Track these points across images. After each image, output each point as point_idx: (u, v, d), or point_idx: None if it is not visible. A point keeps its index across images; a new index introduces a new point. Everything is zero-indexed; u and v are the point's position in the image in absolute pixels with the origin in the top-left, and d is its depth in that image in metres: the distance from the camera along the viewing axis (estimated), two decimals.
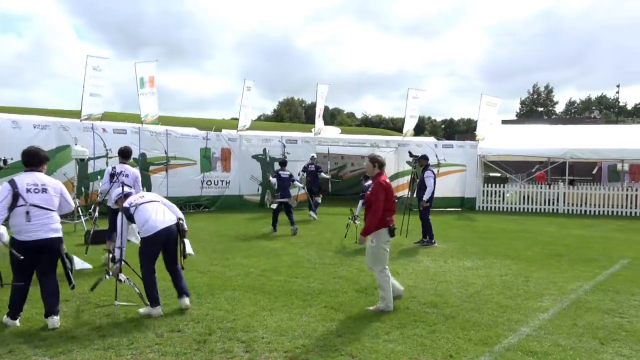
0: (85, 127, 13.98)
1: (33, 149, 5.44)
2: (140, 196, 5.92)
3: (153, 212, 5.67)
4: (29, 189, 5.09)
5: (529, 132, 22.28)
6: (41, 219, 5.05)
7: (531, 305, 6.13)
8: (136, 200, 5.75)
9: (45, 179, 5.28)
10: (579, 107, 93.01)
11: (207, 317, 5.43)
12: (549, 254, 9.54)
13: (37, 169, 5.33)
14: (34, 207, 5.01)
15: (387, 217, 5.80)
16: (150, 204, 5.75)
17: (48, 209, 5.12)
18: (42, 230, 5.04)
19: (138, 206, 5.66)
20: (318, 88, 18.30)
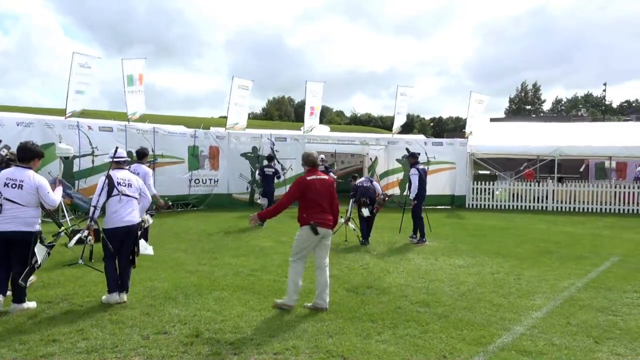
0: (70, 124, 13.73)
1: (25, 144, 5.71)
2: (127, 185, 6.02)
3: (121, 207, 5.91)
4: (7, 183, 5.39)
5: (517, 130, 22.31)
6: (13, 212, 5.35)
7: (524, 304, 6.06)
8: (121, 188, 5.93)
9: (24, 175, 5.48)
10: (566, 105, 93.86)
11: (194, 319, 5.29)
12: (540, 252, 9.51)
13: (27, 165, 5.58)
14: (7, 201, 5.34)
15: (314, 214, 5.74)
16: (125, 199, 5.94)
17: (19, 203, 5.38)
18: (13, 223, 5.35)
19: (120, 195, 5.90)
20: (308, 86, 18.15)
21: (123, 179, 6.05)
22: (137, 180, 6.18)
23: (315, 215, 5.74)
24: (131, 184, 6.08)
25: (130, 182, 6.08)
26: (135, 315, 5.38)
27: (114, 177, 5.97)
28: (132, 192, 6.05)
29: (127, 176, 6.13)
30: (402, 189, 18.18)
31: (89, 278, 6.88)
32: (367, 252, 9.21)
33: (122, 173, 6.14)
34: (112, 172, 6.02)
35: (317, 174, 5.93)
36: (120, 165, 6.25)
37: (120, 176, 6.05)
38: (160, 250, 9.02)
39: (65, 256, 8.25)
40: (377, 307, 5.84)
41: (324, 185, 5.86)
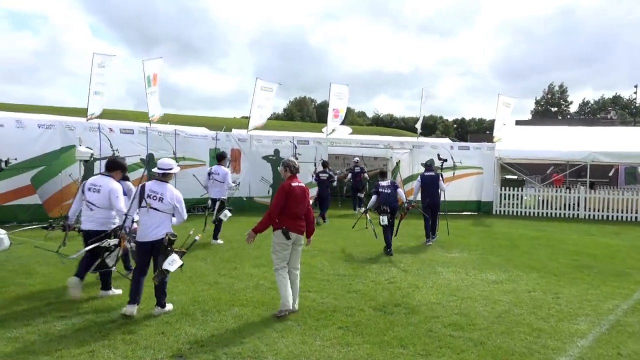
0: (91, 126, 13.58)
1: (112, 158, 6.87)
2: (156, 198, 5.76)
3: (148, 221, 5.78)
4: (90, 188, 6.27)
5: (545, 134, 21.57)
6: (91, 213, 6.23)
7: (567, 329, 5.60)
8: (153, 203, 5.75)
9: (102, 182, 6.27)
10: (593, 107, 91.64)
11: (212, 340, 4.97)
12: (577, 266, 8.98)
13: (109, 174, 6.40)
14: (89, 203, 6.21)
15: (287, 219, 5.89)
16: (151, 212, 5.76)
17: (97, 206, 6.19)
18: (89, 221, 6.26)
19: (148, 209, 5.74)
20: (332, 87, 17.77)
21: (155, 192, 5.78)
22: (171, 197, 5.79)
23: (289, 220, 5.89)
24: (163, 199, 5.75)
25: (163, 197, 5.76)
26: (150, 334, 5.07)
27: (146, 189, 5.80)
28: (162, 206, 5.75)
29: (160, 190, 5.80)
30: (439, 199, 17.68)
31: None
32: (393, 264, 8.79)
33: (156, 185, 5.84)
34: (147, 183, 5.89)
35: (296, 181, 6.04)
36: (165, 178, 5.93)
37: (154, 188, 5.80)
38: None
39: None
40: (407, 329, 5.44)
41: (301, 192, 6.00)
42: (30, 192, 12.31)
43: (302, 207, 5.99)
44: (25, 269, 7.67)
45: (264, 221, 5.91)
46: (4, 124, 12.08)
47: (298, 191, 5.95)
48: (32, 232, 10.90)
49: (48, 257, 8.55)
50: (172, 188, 5.90)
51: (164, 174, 5.92)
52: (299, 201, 5.94)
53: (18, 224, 11.87)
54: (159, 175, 5.91)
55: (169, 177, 5.98)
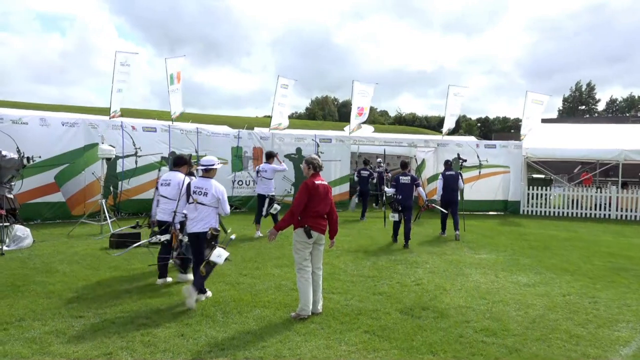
0: (114, 124, 13.60)
1: (178, 154, 7.52)
2: (202, 193, 6.15)
3: (194, 215, 6.19)
4: (162, 182, 6.99)
5: (573, 132, 20.92)
6: (164, 205, 6.86)
7: (607, 335, 5.26)
8: (199, 198, 6.15)
9: (171, 176, 6.95)
10: (621, 105, 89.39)
11: (232, 343, 4.78)
12: (612, 269, 8.57)
13: (178, 169, 7.08)
14: (162, 196, 6.90)
15: (309, 218, 5.71)
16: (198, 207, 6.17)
17: (169, 198, 6.80)
18: (163, 213, 6.90)
19: (195, 203, 6.17)
20: (355, 86, 17.51)
21: (200, 187, 6.18)
22: (216, 191, 6.18)
23: (310, 219, 5.72)
24: (207, 193, 6.14)
25: (207, 191, 6.14)
26: (169, 336, 4.91)
27: (192, 186, 6.25)
28: (207, 200, 6.14)
29: (205, 185, 6.18)
30: (460, 196, 17.30)
31: (123, 289, 6.52)
32: (418, 265, 8.51)
33: (201, 182, 6.25)
34: (192, 181, 6.39)
35: (320, 179, 5.89)
36: (208, 175, 6.30)
37: (199, 185, 6.21)
38: None
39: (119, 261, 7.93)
40: (436, 334, 5.17)
41: (324, 191, 5.84)
42: (54, 190, 12.38)
43: (324, 206, 5.82)
44: (46, 267, 7.61)
45: (286, 218, 5.75)
46: (29, 122, 12.14)
47: (321, 189, 5.79)
48: (54, 230, 10.95)
49: (70, 255, 8.53)
50: (216, 183, 6.28)
51: (206, 170, 6.30)
52: (321, 199, 5.78)
53: (42, 221, 11.92)
54: (207, 171, 6.30)
55: (212, 172, 6.34)
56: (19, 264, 7.82)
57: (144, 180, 13.95)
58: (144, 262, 8.09)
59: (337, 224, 6.05)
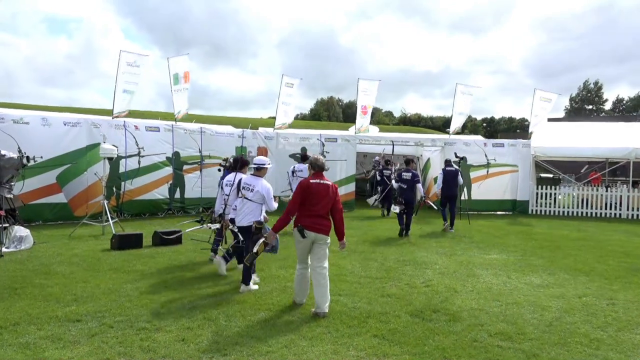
0: (117, 124, 13.42)
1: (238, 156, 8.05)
2: (249, 189, 6.62)
3: (242, 209, 6.69)
4: (227, 184, 7.35)
5: (581, 130, 20.55)
6: None
7: (628, 339, 5.01)
8: (244, 192, 6.66)
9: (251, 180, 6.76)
10: (627, 104, 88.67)
11: (235, 348, 4.55)
12: (628, 269, 8.30)
13: (241, 171, 7.34)
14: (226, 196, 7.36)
15: (304, 217, 5.75)
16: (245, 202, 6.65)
17: None
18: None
19: (243, 199, 6.66)
20: (360, 84, 17.29)
21: (248, 184, 6.68)
22: (262, 188, 6.56)
23: (305, 218, 5.73)
24: (253, 190, 6.58)
25: (254, 188, 6.58)
26: (169, 340, 4.70)
27: (242, 182, 6.79)
28: (252, 197, 6.59)
29: (252, 182, 6.65)
30: (459, 192, 17.05)
31: (124, 291, 6.31)
32: (427, 266, 8.27)
33: (250, 179, 6.75)
34: (243, 177, 6.96)
35: (321, 179, 5.84)
36: (258, 173, 6.73)
37: (247, 181, 6.73)
38: (203, 260, 8.43)
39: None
40: (448, 338, 4.94)
41: (324, 190, 5.77)
42: (56, 191, 12.20)
43: (322, 206, 5.74)
44: (45, 269, 7.41)
45: (281, 218, 5.79)
46: (30, 122, 11.97)
47: (318, 188, 5.74)
48: (56, 231, 10.78)
49: (69, 257, 8.34)
50: (263, 181, 6.67)
51: (258, 169, 6.73)
52: (318, 199, 5.72)
53: (43, 222, 11.76)
54: (258, 170, 6.72)
55: (263, 172, 6.76)
56: (17, 265, 7.63)
57: (147, 181, 13.78)
58: (145, 264, 7.90)
59: (343, 224, 5.92)
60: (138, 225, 11.77)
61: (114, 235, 9.29)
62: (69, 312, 5.42)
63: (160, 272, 7.47)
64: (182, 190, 14.60)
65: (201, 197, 14.96)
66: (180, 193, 14.57)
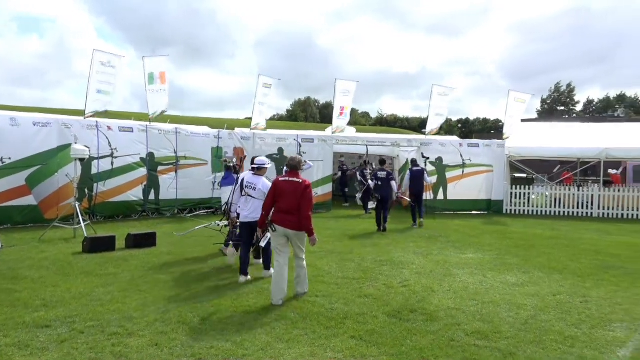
0: (89, 125, 13.13)
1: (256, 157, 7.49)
2: (252, 188, 7.04)
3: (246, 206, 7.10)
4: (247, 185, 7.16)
5: (554, 131, 20.93)
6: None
7: (602, 336, 5.07)
8: (248, 190, 7.06)
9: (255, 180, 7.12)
10: (598, 106, 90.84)
11: (211, 352, 4.46)
12: (600, 267, 8.44)
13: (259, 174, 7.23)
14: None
15: (275, 213, 6.19)
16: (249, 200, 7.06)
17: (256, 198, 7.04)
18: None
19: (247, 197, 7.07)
20: (337, 84, 17.28)
21: (250, 182, 7.08)
22: (263, 186, 6.94)
23: (275, 214, 6.19)
24: (256, 188, 7.01)
25: (256, 186, 7.02)
26: (142, 345, 4.58)
27: (245, 180, 7.15)
28: (255, 194, 6.98)
29: (254, 181, 7.07)
30: (435, 192, 17.21)
31: (95, 295, 6.15)
32: (404, 266, 8.27)
33: (252, 178, 7.12)
34: (245, 176, 7.22)
35: (291, 177, 6.21)
36: (259, 172, 7.16)
37: (250, 180, 7.10)
38: (178, 261, 8.29)
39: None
40: (426, 338, 4.93)
41: (291, 188, 6.10)
42: (25, 193, 11.86)
43: (287, 202, 6.08)
44: (13, 274, 7.18)
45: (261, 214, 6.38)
46: None
47: (286, 186, 6.13)
48: (25, 235, 10.49)
49: (39, 261, 8.12)
50: (264, 179, 7.10)
51: (258, 169, 7.17)
52: (284, 196, 6.10)
53: (12, 225, 11.43)
54: (258, 169, 7.16)
55: (263, 171, 7.20)
56: None
57: (120, 182, 13.52)
58: (118, 267, 7.73)
59: (308, 221, 6.05)
60: (111, 228, 11.53)
61: (86, 238, 9.08)
62: (37, 317, 5.25)
63: (134, 275, 7.32)
64: (156, 191, 14.36)
65: (176, 198, 14.74)
66: (155, 194, 14.33)
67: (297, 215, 6.04)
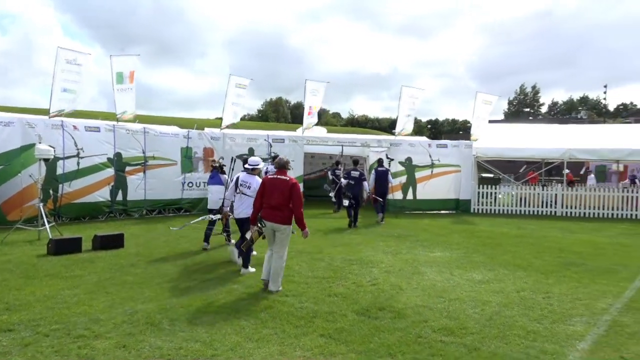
0: (54, 124, 12.85)
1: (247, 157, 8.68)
2: (247, 186, 7.61)
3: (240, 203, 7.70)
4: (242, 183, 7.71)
5: (520, 132, 21.46)
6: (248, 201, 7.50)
7: (563, 330, 5.25)
8: (242, 189, 7.64)
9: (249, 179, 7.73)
10: (562, 108, 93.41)
11: (179, 353, 4.45)
12: (563, 264, 8.71)
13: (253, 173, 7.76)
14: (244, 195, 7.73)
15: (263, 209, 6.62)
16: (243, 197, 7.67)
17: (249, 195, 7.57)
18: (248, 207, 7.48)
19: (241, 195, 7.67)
20: (307, 84, 17.33)
21: (245, 181, 7.65)
22: (257, 185, 7.25)
23: (264, 209, 6.62)
24: (250, 186, 7.55)
25: (250, 185, 7.57)
26: (109, 348, 4.53)
27: (239, 180, 7.70)
28: (250, 192, 7.49)
29: (249, 180, 7.64)
30: (405, 192, 17.43)
31: (61, 298, 6.04)
32: (374, 265, 8.37)
33: (246, 177, 7.66)
34: (240, 176, 7.75)
35: (279, 175, 6.66)
36: (252, 172, 7.71)
37: (244, 179, 7.66)
38: (146, 262, 8.20)
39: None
40: (394, 335, 5.01)
41: (279, 184, 6.54)
42: None
43: (274, 198, 6.49)
44: None
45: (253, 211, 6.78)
46: None
47: (273, 183, 6.57)
48: None
49: (1, 263, 7.94)
50: (257, 178, 7.58)
51: (252, 169, 7.72)
52: (272, 192, 6.52)
53: None
54: (252, 170, 7.71)
55: (257, 171, 7.75)
56: None
57: (87, 183, 13.26)
58: (84, 269, 7.61)
59: (300, 216, 6.53)
60: (77, 229, 11.30)
61: (51, 240, 8.88)
62: (1, 322, 5.13)
63: (100, 277, 7.21)
64: (124, 192, 14.13)
65: (145, 199, 14.53)
66: (123, 195, 14.10)
67: (285, 211, 6.50)
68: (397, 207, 17.10)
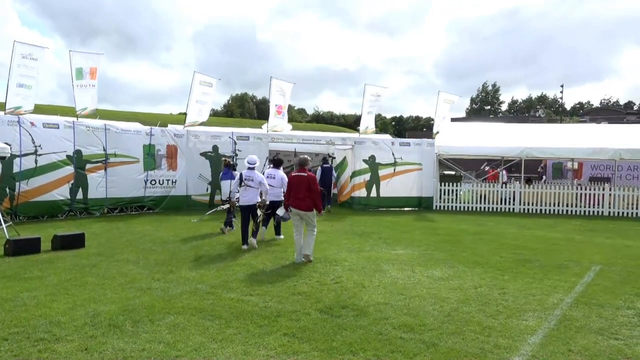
0: (10, 120, 12.50)
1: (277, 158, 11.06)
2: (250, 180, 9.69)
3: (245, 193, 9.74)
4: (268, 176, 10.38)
5: (481, 130, 22.07)
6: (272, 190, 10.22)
7: (516, 325, 5.49)
8: (247, 182, 9.69)
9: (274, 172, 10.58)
10: (521, 106, 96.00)
11: (142, 355, 4.45)
12: (518, 260, 9.05)
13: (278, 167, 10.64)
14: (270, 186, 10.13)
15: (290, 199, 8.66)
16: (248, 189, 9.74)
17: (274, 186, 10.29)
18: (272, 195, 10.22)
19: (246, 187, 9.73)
20: (273, 83, 17.32)
21: (248, 176, 9.73)
22: (257, 178, 9.69)
23: (291, 200, 8.58)
24: (252, 179, 9.67)
25: (252, 178, 9.68)
26: (70, 351, 4.50)
27: (244, 175, 9.77)
28: (253, 184, 9.66)
29: (251, 175, 9.72)
30: (368, 190, 17.66)
31: (19, 300, 5.93)
32: (337, 263, 8.50)
33: (249, 173, 9.75)
34: (243, 172, 9.88)
35: (299, 172, 8.65)
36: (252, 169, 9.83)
37: (247, 174, 9.75)
38: (108, 263, 8.11)
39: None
40: (356, 333, 5.14)
41: (300, 180, 8.52)
42: None
43: (299, 190, 8.45)
44: None
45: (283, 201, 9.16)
46: None
47: (294, 179, 8.57)
48: None
49: None
50: (257, 172, 9.82)
51: (252, 168, 9.80)
52: (297, 186, 8.49)
53: None
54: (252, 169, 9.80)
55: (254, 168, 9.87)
56: None
57: (45, 181, 12.98)
58: (43, 271, 7.46)
59: (319, 201, 8.60)
60: (36, 229, 11.04)
61: (8, 240, 8.66)
62: None
63: (61, 278, 7.09)
64: (85, 190, 13.87)
65: (106, 197, 14.29)
66: (83, 193, 13.84)
67: (307, 200, 8.40)
68: (361, 205, 17.34)
